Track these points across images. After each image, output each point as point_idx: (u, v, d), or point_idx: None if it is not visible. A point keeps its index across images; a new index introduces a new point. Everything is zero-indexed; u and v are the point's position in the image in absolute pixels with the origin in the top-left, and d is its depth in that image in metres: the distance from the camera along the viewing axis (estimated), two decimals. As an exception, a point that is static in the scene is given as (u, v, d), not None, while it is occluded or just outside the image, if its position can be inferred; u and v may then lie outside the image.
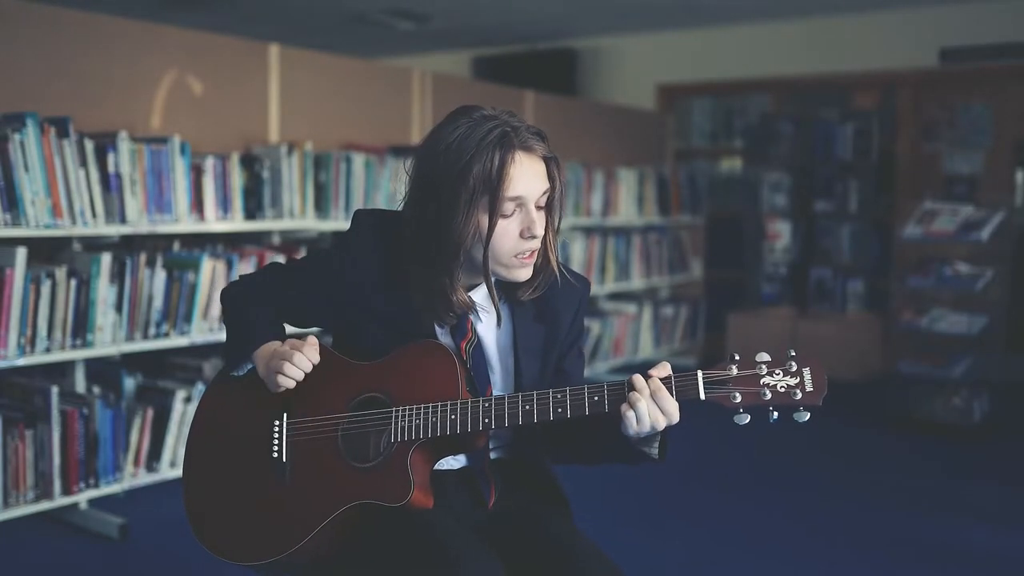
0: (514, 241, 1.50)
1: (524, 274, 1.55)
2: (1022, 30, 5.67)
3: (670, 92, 6.93)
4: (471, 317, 1.59)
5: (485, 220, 1.48)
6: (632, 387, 1.43)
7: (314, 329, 2.14)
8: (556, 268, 1.60)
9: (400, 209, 1.58)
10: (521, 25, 6.59)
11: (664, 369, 1.45)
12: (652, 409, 1.41)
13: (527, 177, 1.49)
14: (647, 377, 1.43)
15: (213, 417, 1.68)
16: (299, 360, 1.54)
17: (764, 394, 1.41)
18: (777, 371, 1.42)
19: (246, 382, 1.64)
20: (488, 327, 1.62)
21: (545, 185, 1.52)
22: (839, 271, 6.13)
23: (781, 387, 1.41)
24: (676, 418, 1.43)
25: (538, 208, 1.52)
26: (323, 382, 1.59)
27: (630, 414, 1.42)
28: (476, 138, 1.47)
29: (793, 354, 1.43)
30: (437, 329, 1.59)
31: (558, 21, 6.48)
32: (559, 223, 1.58)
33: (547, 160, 1.52)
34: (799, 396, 1.40)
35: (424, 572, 1.43)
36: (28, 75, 3.25)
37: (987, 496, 3.72)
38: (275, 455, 1.58)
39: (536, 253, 1.55)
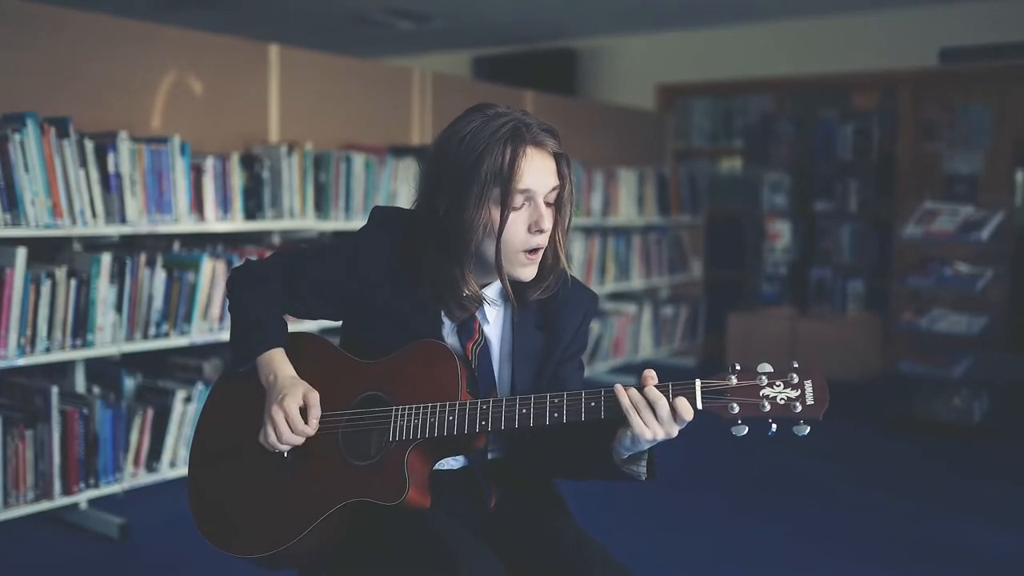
0: (522, 235, 1.50)
1: (529, 273, 1.54)
2: (1022, 30, 5.67)
3: (670, 92, 6.93)
4: (479, 318, 1.59)
5: (496, 213, 1.48)
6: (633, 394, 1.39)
7: (315, 324, 2.13)
8: (566, 268, 1.60)
9: (414, 205, 1.59)
10: (521, 25, 6.59)
11: (651, 377, 1.41)
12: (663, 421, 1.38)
13: (537, 171, 1.49)
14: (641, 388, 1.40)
15: (221, 410, 1.69)
16: (288, 438, 1.53)
17: (763, 406, 1.37)
18: (778, 382, 1.38)
19: (253, 377, 1.63)
20: (495, 329, 1.62)
21: (555, 181, 1.52)
22: (839, 271, 6.13)
23: (781, 399, 1.37)
24: (690, 417, 1.39)
25: (547, 204, 1.52)
26: (327, 379, 1.59)
27: (637, 421, 1.39)
28: (488, 132, 1.48)
29: (796, 365, 1.39)
30: (444, 329, 1.59)
31: (558, 21, 6.48)
32: (569, 222, 1.58)
33: (557, 157, 1.53)
34: (799, 409, 1.36)
35: (424, 572, 1.42)
36: (28, 75, 3.25)
37: (987, 496, 3.72)
38: None
39: (542, 252, 1.54)
